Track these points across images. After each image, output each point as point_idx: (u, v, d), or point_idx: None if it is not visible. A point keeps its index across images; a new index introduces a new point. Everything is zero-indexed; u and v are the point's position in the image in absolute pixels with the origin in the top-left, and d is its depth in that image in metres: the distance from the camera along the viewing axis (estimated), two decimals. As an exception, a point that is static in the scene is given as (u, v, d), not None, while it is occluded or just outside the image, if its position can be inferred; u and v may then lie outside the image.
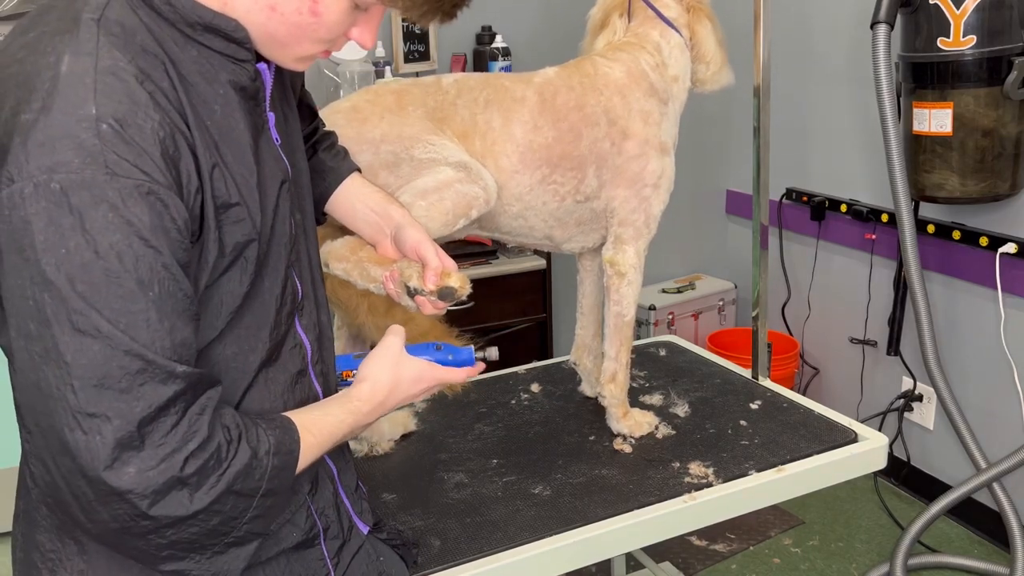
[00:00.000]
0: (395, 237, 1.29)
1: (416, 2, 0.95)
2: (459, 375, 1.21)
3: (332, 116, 1.52)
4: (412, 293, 1.24)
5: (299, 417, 0.99)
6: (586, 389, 1.99)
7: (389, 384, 1.11)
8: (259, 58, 0.97)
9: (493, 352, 1.32)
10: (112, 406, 0.79)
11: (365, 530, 1.19)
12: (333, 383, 1.14)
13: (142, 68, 0.84)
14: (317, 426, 1.00)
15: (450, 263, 1.25)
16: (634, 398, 1.92)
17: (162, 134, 0.82)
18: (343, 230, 1.38)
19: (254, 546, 0.93)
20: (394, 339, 1.16)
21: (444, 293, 1.22)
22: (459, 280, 1.23)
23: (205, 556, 0.88)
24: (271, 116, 1.01)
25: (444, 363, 1.21)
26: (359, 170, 1.35)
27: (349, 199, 1.30)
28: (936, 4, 2.32)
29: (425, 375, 1.15)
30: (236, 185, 0.90)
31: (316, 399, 1.08)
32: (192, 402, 0.84)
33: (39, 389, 0.80)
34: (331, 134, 1.36)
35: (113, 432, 0.79)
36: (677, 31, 1.76)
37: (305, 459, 0.97)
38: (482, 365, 1.26)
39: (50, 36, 0.84)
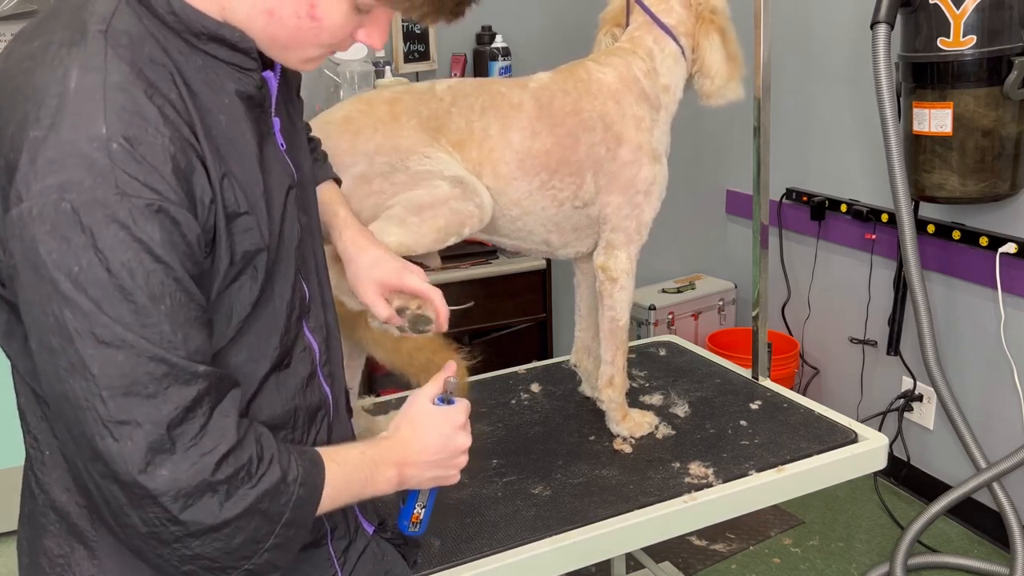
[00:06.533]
0: (356, 276, 1.24)
1: (416, 3, 0.93)
2: (463, 411, 1.14)
3: (324, 127, 1.49)
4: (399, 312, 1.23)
5: (326, 450, 0.98)
6: (586, 389, 1.99)
7: (409, 426, 1.09)
8: (264, 65, 0.96)
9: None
10: (141, 412, 0.80)
11: (371, 530, 1.19)
12: (341, 385, 1.13)
13: (151, 80, 0.83)
14: (341, 456, 0.99)
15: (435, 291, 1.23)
16: (634, 398, 1.92)
17: (173, 149, 0.81)
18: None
19: None
20: (416, 392, 1.13)
21: (416, 320, 1.21)
22: (433, 309, 1.22)
23: None
24: (276, 121, 1.00)
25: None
26: (338, 180, 1.32)
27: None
28: (936, 4, 2.32)
29: (444, 426, 1.10)
30: (244, 194, 0.90)
31: (326, 402, 1.07)
32: (217, 403, 0.85)
33: (67, 400, 0.80)
34: (313, 139, 1.33)
35: (144, 437, 0.80)
36: (675, 39, 1.74)
37: (329, 493, 0.95)
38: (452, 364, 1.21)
39: (57, 47, 0.83)
